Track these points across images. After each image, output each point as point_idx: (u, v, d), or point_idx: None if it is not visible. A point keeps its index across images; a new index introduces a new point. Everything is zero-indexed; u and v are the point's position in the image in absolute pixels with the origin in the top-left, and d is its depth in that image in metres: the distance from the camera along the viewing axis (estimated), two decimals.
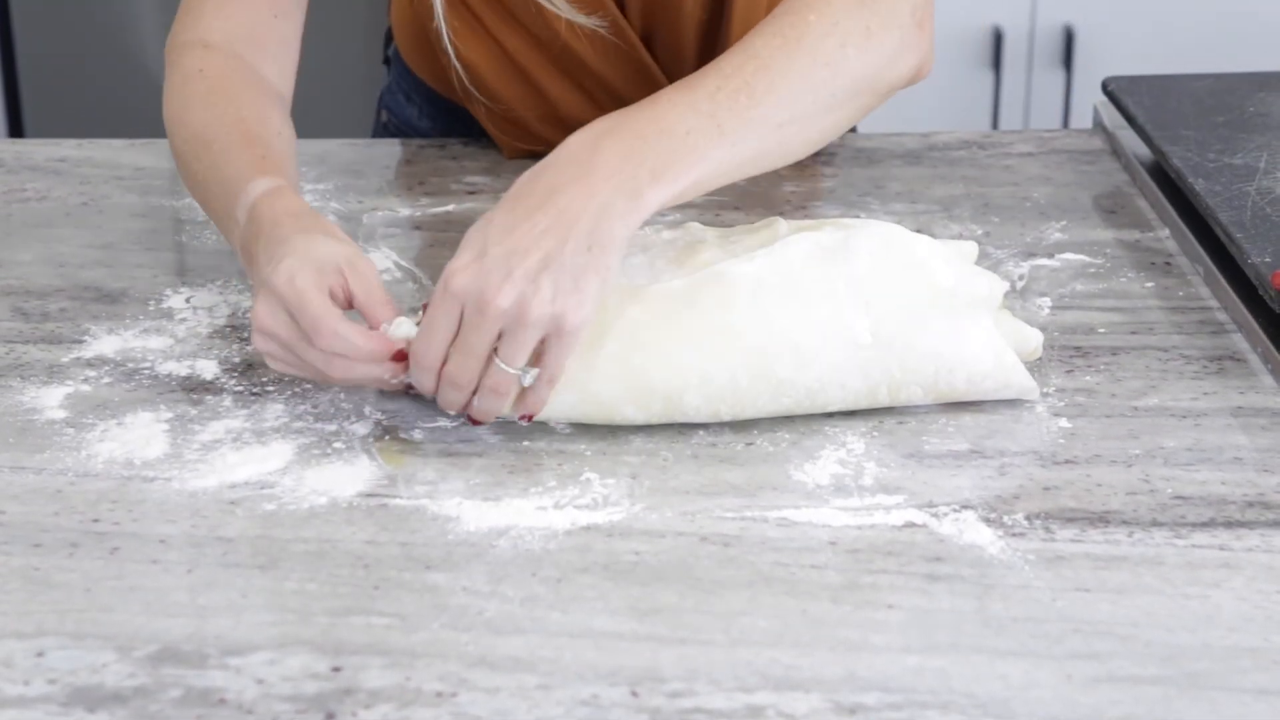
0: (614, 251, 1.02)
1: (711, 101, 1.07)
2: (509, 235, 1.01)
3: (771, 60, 1.09)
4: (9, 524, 0.97)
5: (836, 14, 1.11)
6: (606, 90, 1.38)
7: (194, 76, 1.22)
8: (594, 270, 1.01)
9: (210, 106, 1.19)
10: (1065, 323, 1.17)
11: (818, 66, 1.09)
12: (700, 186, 1.06)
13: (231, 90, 1.20)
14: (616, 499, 0.99)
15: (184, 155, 1.19)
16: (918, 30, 1.14)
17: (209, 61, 1.22)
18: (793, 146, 1.11)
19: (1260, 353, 1.13)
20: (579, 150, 1.04)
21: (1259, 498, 0.99)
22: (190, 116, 1.19)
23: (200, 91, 1.20)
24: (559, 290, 1.00)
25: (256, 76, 1.23)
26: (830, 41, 1.10)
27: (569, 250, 1.00)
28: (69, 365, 1.13)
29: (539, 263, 1.00)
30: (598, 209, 1.01)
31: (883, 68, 1.13)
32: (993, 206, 1.34)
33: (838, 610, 0.90)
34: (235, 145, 1.15)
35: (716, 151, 1.06)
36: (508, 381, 1.01)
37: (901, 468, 1.01)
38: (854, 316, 1.04)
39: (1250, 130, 1.35)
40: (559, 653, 0.87)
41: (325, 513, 0.98)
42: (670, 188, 1.04)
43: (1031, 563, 0.93)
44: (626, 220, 1.02)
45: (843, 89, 1.11)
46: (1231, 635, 0.88)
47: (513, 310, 0.99)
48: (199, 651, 0.87)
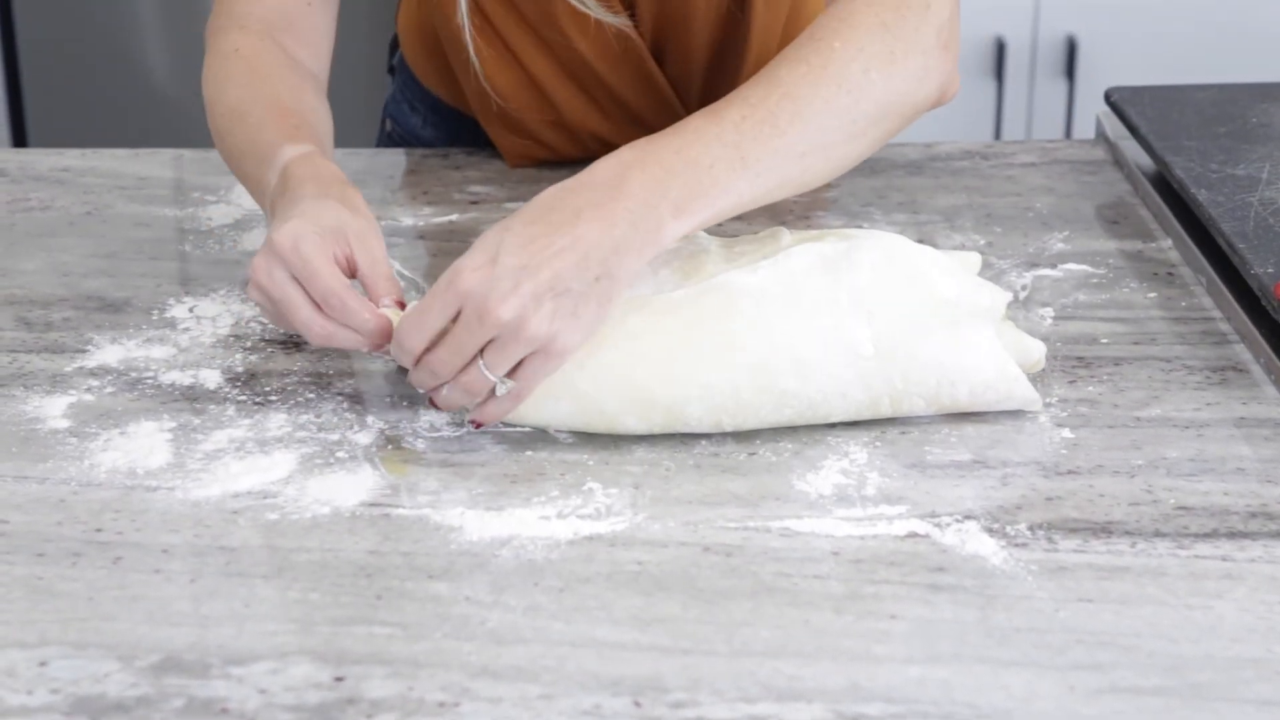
0: (621, 285, 1.03)
1: (737, 132, 1.07)
2: (524, 249, 1.01)
3: (795, 89, 1.09)
4: (12, 533, 0.97)
5: (861, 40, 1.11)
6: (613, 99, 1.38)
7: (230, 56, 1.25)
8: (596, 300, 1.01)
9: (246, 85, 1.23)
10: (1068, 333, 1.17)
11: (842, 94, 1.09)
12: (721, 215, 1.07)
13: (266, 69, 1.24)
14: (619, 509, 0.99)
15: (220, 130, 1.23)
16: (942, 52, 1.14)
17: (244, 42, 1.26)
18: (815, 174, 1.11)
19: (1263, 363, 1.13)
20: (607, 177, 1.04)
21: (1262, 508, 0.99)
22: (227, 94, 1.23)
23: (237, 70, 1.24)
24: (559, 313, 1.00)
25: (291, 59, 1.27)
26: (855, 67, 1.10)
27: (578, 277, 1.01)
28: (72, 375, 1.13)
29: (546, 283, 1.00)
30: (614, 242, 1.02)
31: (907, 92, 1.12)
32: (995, 217, 1.34)
33: (840, 620, 0.89)
34: (270, 117, 1.19)
35: (740, 184, 1.06)
36: (484, 385, 1.02)
37: (904, 478, 1.01)
38: (856, 328, 1.04)
39: (1253, 141, 1.35)
40: (561, 662, 0.87)
41: (328, 522, 0.98)
42: (691, 220, 1.05)
43: (1034, 573, 0.93)
44: (641, 254, 1.03)
45: (866, 115, 1.10)
46: (1234, 646, 0.88)
47: (511, 323, 1.00)
48: (201, 661, 0.87)
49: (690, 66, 1.38)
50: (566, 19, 1.32)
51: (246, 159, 1.19)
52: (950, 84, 1.15)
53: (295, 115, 1.20)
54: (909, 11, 1.12)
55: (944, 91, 1.15)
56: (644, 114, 1.39)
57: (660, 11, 1.34)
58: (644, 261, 1.04)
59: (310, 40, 1.29)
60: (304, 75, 1.26)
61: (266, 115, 1.19)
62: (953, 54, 1.15)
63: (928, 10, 1.13)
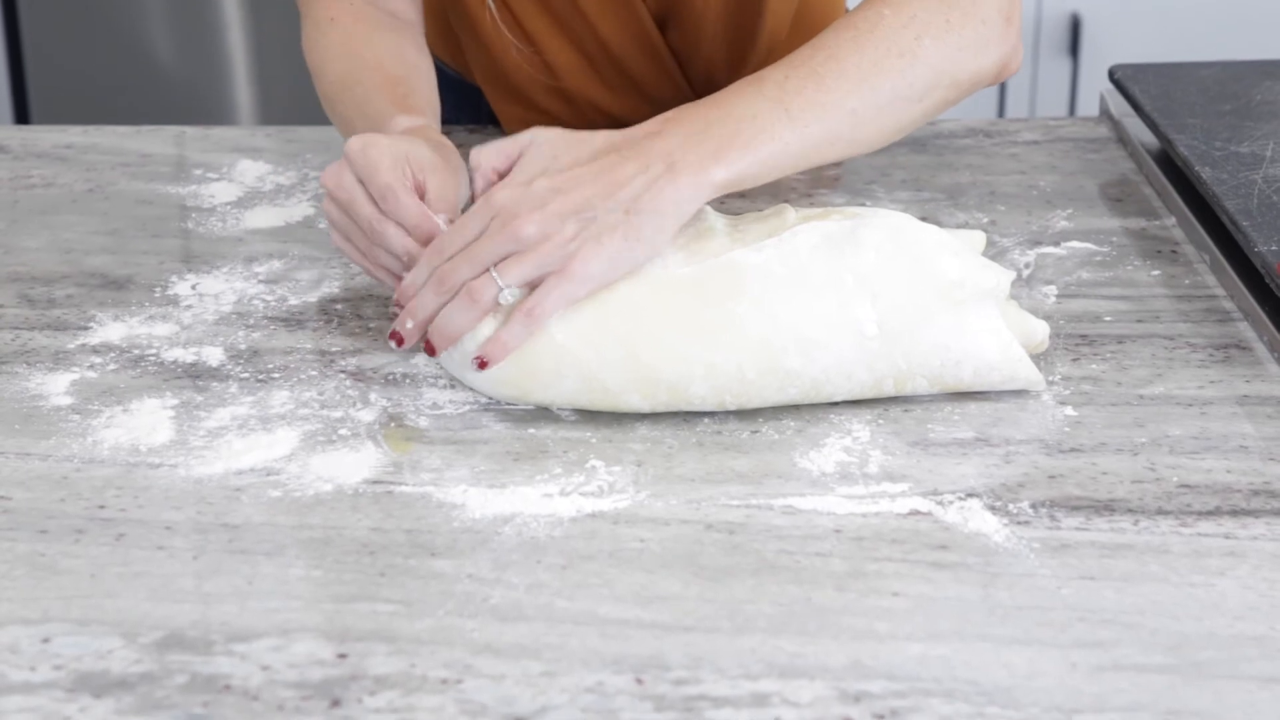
0: (651, 222, 1.03)
1: (779, 89, 1.07)
2: (560, 174, 1.04)
3: (840, 49, 1.09)
4: (15, 510, 0.97)
5: (914, 8, 1.11)
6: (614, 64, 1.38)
7: (326, 25, 1.27)
8: (622, 233, 1.02)
9: (348, 55, 1.25)
10: (1071, 311, 1.17)
11: (891, 56, 1.09)
12: (768, 167, 1.06)
13: (365, 34, 1.26)
14: (622, 486, 0.99)
15: (330, 99, 1.25)
16: (1004, 25, 1.14)
17: (338, 8, 1.27)
18: (868, 133, 1.10)
19: (1266, 341, 1.12)
20: (647, 129, 1.07)
21: (1264, 486, 0.99)
22: (331, 66, 1.25)
23: (336, 40, 1.26)
24: (581, 237, 1.02)
25: (385, 13, 1.28)
26: (906, 34, 1.10)
27: (607, 206, 1.03)
28: (75, 352, 1.13)
29: (574, 206, 1.03)
30: (649, 179, 1.03)
31: (964, 60, 1.12)
32: (999, 194, 1.34)
33: (842, 598, 0.90)
34: (378, 88, 1.21)
35: (784, 133, 1.06)
36: (488, 291, 1.03)
37: (907, 455, 1.01)
38: (861, 308, 1.04)
39: (1257, 119, 1.35)
40: (564, 640, 0.87)
41: (331, 499, 0.98)
42: (735, 165, 1.05)
43: (1037, 551, 0.93)
44: (681, 196, 1.04)
45: (921, 78, 1.10)
46: (1237, 624, 0.88)
47: (531, 237, 1.02)
48: (204, 638, 0.87)
49: (695, 37, 1.37)
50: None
51: (357, 125, 1.21)
52: (1013, 57, 1.15)
53: (402, 83, 1.22)
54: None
55: (1006, 64, 1.15)
56: (645, 83, 1.39)
57: None
58: (688, 204, 1.04)
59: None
60: (402, 31, 1.28)
61: (373, 85, 1.22)
62: (1015, 27, 1.15)
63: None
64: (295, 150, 1.43)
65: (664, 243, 1.04)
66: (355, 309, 1.18)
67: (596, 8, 1.35)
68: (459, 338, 1.04)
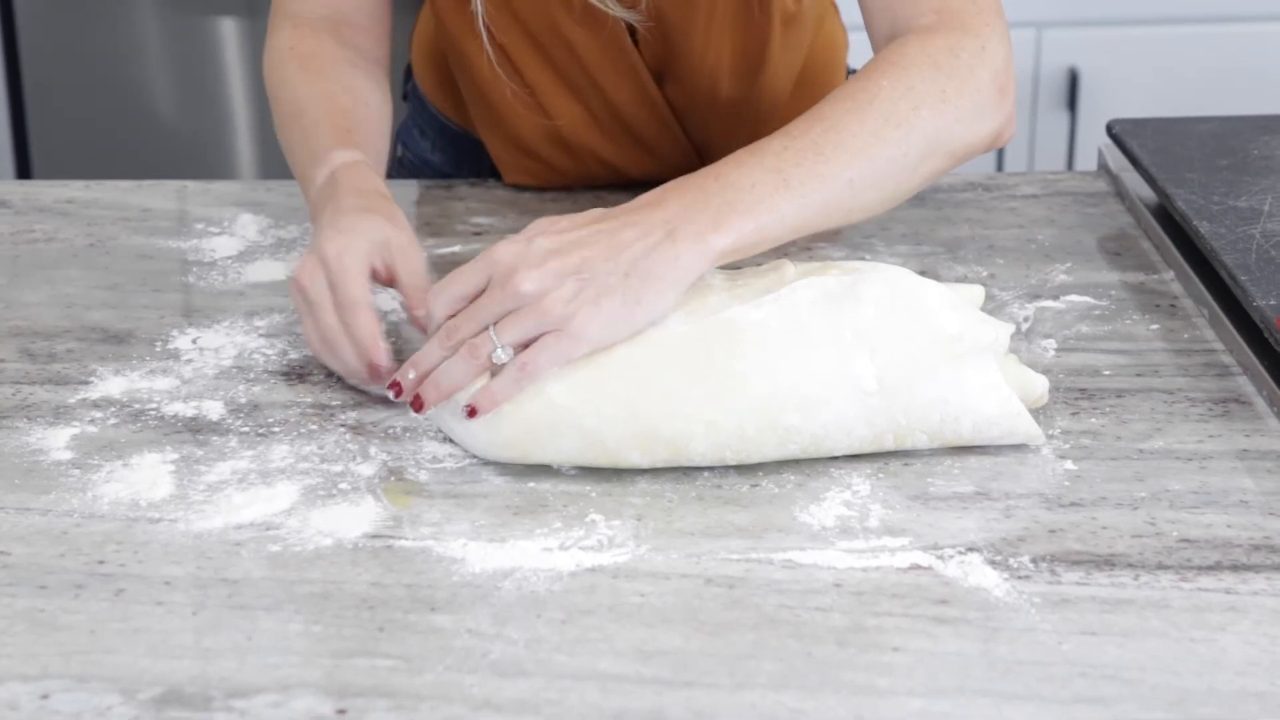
0: (651, 288, 1.04)
1: (778, 159, 1.08)
2: (562, 235, 1.06)
3: (840, 121, 1.11)
4: (15, 565, 0.97)
5: (911, 79, 1.12)
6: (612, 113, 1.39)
7: (285, 54, 1.31)
8: (621, 296, 1.03)
9: (302, 83, 1.29)
10: (1070, 365, 1.17)
11: (889, 127, 1.11)
12: (766, 236, 1.07)
13: (321, 65, 1.30)
14: (621, 540, 0.99)
15: (280, 125, 1.30)
16: (998, 95, 1.15)
17: (298, 39, 1.31)
18: (864, 201, 1.11)
19: (1265, 395, 1.13)
20: (646, 199, 1.08)
21: (1265, 541, 0.99)
22: (283, 92, 1.30)
23: (293, 69, 1.30)
24: (580, 298, 1.03)
25: (347, 48, 1.32)
26: (903, 105, 1.11)
27: (606, 269, 1.04)
28: (75, 406, 1.13)
29: (573, 266, 1.04)
30: (650, 245, 1.04)
31: (959, 131, 1.13)
32: (998, 248, 1.34)
33: (843, 653, 0.89)
34: (324, 117, 1.26)
35: (783, 204, 1.07)
36: (485, 348, 1.04)
37: (907, 510, 1.01)
38: (860, 364, 1.04)
39: (1254, 173, 1.35)
40: (564, 695, 0.86)
41: (330, 554, 0.98)
42: (732, 235, 1.06)
43: (1037, 605, 0.93)
44: (676, 267, 1.04)
45: (916, 148, 1.11)
46: (1238, 679, 0.87)
47: (531, 294, 1.03)
48: (203, 694, 0.87)
49: (693, 93, 1.38)
50: (567, 26, 1.33)
51: (298, 156, 1.26)
52: (1006, 127, 1.17)
53: (349, 116, 1.26)
54: (964, 53, 1.14)
55: (999, 133, 1.17)
56: (645, 135, 1.40)
57: (660, 42, 1.35)
58: (687, 272, 1.04)
59: (366, 26, 1.35)
60: (361, 66, 1.31)
61: (320, 116, 1.26)
62: (1009, 98, 1.16)
63: (983, 52, 1.15)
64: (297, 204, 1.43)
65: (662, 309, 1.04)
66: None
67: (595, 61, 1.35)
68: (453, 392, 1.05)
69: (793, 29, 1.39)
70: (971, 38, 1.15)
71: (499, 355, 1.03)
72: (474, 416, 1.04)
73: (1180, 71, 2.53)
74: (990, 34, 1.16)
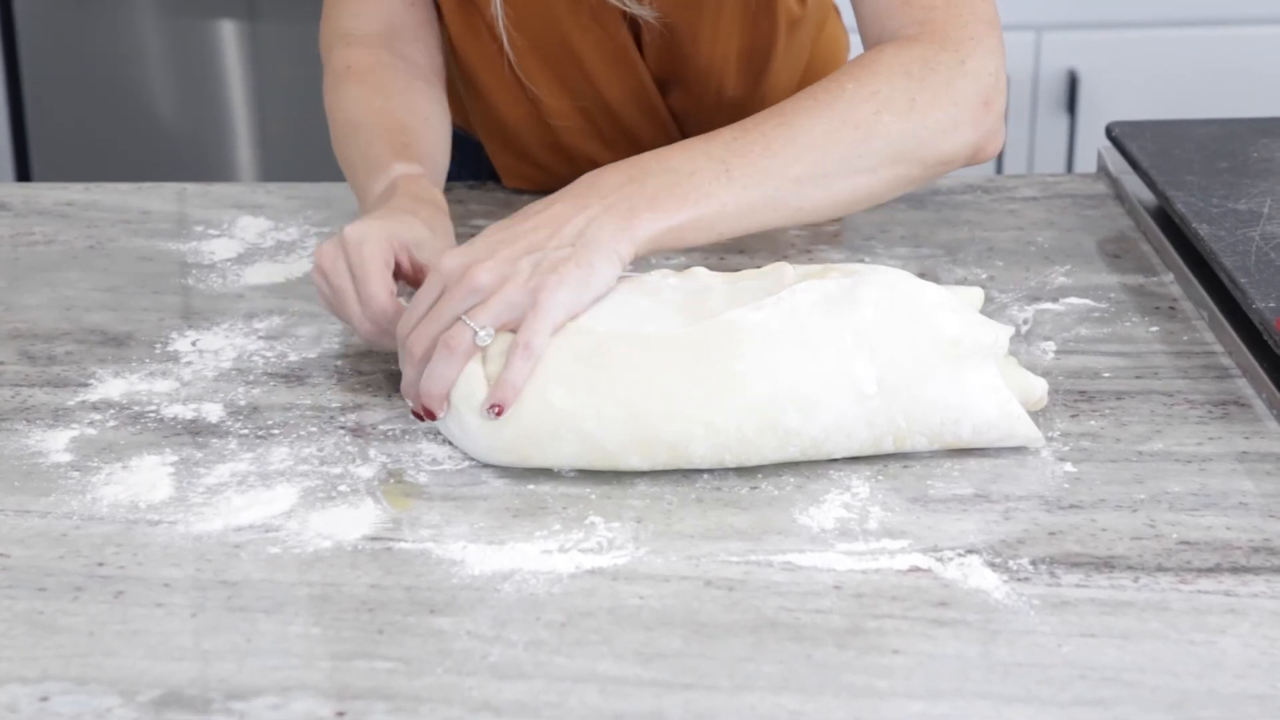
0: (598, 252, 1.05)
1: (725, 149, 1.08)
2: (500, 232, 1.07)
3: (794, 119, 1.10)
4: (14, 568, 0.97)
5: (877, 84, 1.11)
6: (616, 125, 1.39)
7: (343, 74, 1.31)
8: (574, 262, 1.04)
9: (360, 100, 1.29)
10: (1070, 367, 1.17)
11: (846, 129, 1.10)
12: (703, 225, 1.07)
13: (378, 81, 1.30)
14: (621, 543, 0.99)
15: (338, 139, 1.29)
16: (982, 108, 1.14)
17: (354, 57, 1.31)
18: (814, 202, 1.11)
19: (1265, 398, 1.13)
20: (581, 181, 1.09)
21: (1265, 543, 0.99)
22: (343, 108, 1.29)
23: (351, 87, 1.30)
24: (538, 272, 1.04)
25: (403, 63, 1.32)
26: (865, 108, 1.11)
27: (554, 244, 1.05)
28: (75, 408, 1.13)
29: (522, 249, 1.05)
30: (587, 218, 1.06)
31: (928, 140, 1.12)
32: (997, 250, 1.34)
33: (842, 655, 0.89)
34: (381, 134, 1.25)
35: (722, 192, 1.07)
36: (462, 336, 1.04)
37: (906, 512, 1.01)
38: (860, 366, 1.04)
39: (1254, 176, 1.35)
40: (563, 698, 0.86)
41: (330, 556, 0.98)
42: (666, 218, 1.06)
43: (1037, 608, 0.93)
44: (616, 236, 1.05)
45: (876, 153, 1.11)
46: (1238, 682, 0.87)
47: (490, 284, 1.04)
48: (203, 696, 0.87)
49: (698, 100, 1.38)
50: (573, 31, 1.33)
51: (358, 170, 1.25)
52: (989, 141, 1.15)
53: (405, 131, 1.26)
54: (939, 65, 1.13)
55: (981, 147, 1.15)
56: (644, 141, 1.40)
57: (666, 48, 1.35)
58: (622, 246, 1.05)
59: (418, 37, 1.34)
60: (417, 80, 1.31)
61: (377, 131, 1.26)
62: (995, 112, 1.15)
63: (962, 66, 1.14)
64: (296, 206, 1.43)
65: (610, 277, 1.05)
66: (355, 365, 1.18)
67: (599, 67, 1.35)
68: (446, 392, 1.04)
69: (796, 32, 1.39)
70: (951, 51, 1.14)
71: (482, 337, 1.04)
72: (500, 414, 1.03)
73: (1179, 74, 2.53)
74: (974, 48, 1.15)
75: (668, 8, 1.31)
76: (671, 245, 1.08)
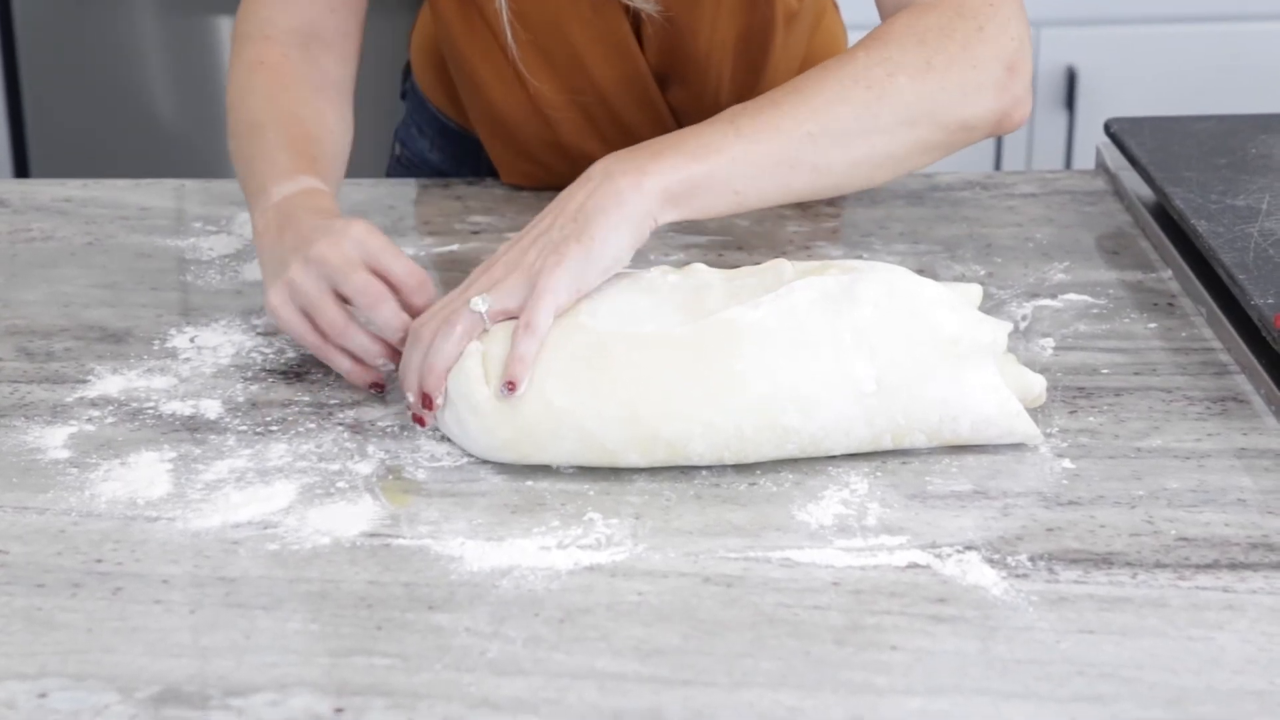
0: (600, 222, 1.05)
1: (733, 114, 1.10)
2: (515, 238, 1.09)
3: (804, 82, 1.11)
4: (12, 564, 0.97)
5: (889, 50, 1.11)
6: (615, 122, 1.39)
7: (255, 67, 1.28)
8: (575, 238, 1.05)
9: (266, 99, 1.25)
10: (1068, 363, 1.17)
11: (858, 88, 1.09)
12: (716, 181, 1.07)
13: (288, 83, 1.27)
14: (619, 539, 0.99)
15: (237, 135, 1.25)
16: (1005, 73, 1.13)
17: (268, 53, 1.28)
18: (832, 161, 1.10)
19: (1263, 394, 1.13)
20: (592, 167, 1.10)
21: (1263, 539, 0.99)
22: (248, 104, 1.26)
23: (260, 82, 1.27)
24: (541, 254, 1.05)
25: (315, 69, 1.29)
26: (878, 70, 1.10)
27: (557, 225, 1.06)
28: (73, 405, 1.13)
29: (531, 239, 1.07)
30: (587, 192, 1.07)
31: (946, 102, 1.11)
32: (995, 247, 1.34)
33: (841, 652, 0.89)
34: (289, 141, 1.22)
35: (730, 146, 1.07)
36: (458, 314, 1.04)
37: (905, 508, 1.01)
38: (859, 365, 1.04)
39: (1252, 172, 1.35)
40: (562, 694, 0.86)
41: (328, 553, 0.98)
42: (674, 171, 1.06)
43: (1035, 604, 0.93)
44: (624, 199, 1.05)
45: (890, 112, 1.10)
46: (1236, 678, 0.87)
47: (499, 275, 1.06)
48: (201, 693, 0.87)
49: (698, 95, 1.38)
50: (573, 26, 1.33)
51: (257, 169, 1.21)
52: (1015, 107, 1.14)
53: (315, 144, 1.23)
54: (956, 31, 1.12)
55: (1007, 113, 1.14)
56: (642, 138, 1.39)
57: (665, 41, 1.35)
58: (630, 210, 1.06)
59: (336, 45, 1.31)
60: (327, 88, 1.29)
61: (286, 137, 1.22)
62: (1021, 77, 1.13)
63: (981, 32, 1.12)
64: None
65: (618, 245, 1.06)
66: None
67: (599, 63, 1.35)
68: (446, 370, 1.04)
69: (794, 25, 1.39)
70: (968, 19, 1.13)
71: (477, 304, 1.05)
72: (514, 389, 1.03)
73: (1178, 70, 2.53)
74: (993, 15, 1.13)
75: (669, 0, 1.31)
76: (690, 209, 1.07)
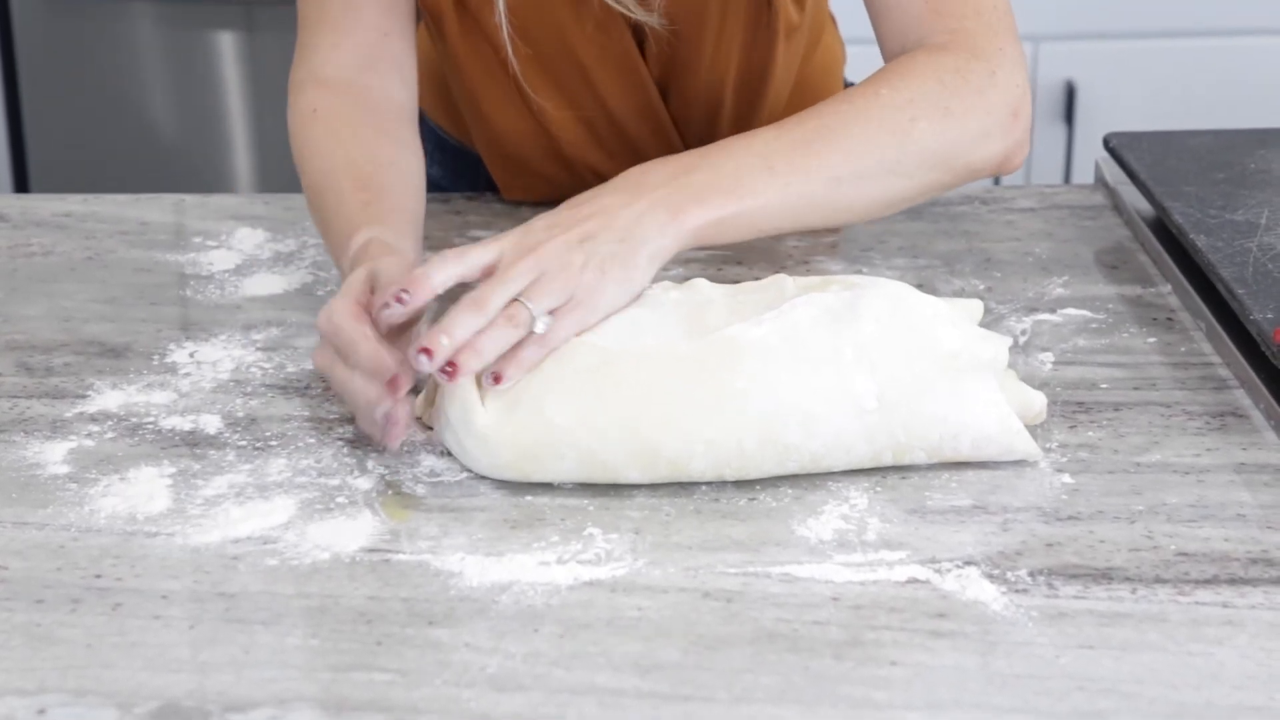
0: (643, 252, 1.06)
1: (765, 147, 1.11)
2: (554, 218, 1.09)
3: (834, 122, 1.13)
4: (11, 580, 0.97)
5: (912, 91, 1.13)
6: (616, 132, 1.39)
7: (309, 118, 1.27)
8: (620, 261, 1.06)
9: (324, 154, 1.25)
10: (1067, 378, 1.17)
11: (883, 134, 1.12)
12: (748, 220, 1.09)
13: (343, 131, 1.26)
14: (619, 554, 0.99)
15: (308, 198, 1.26)
16: (1010, 119, 1.16)
17: (321, 100, 1.28)
18: (851, 203, 1.13)
19: (1263, 409, 1.13)
20: (628, 175, 1.11)
21: (1262, 554, 0.99)
22: (311, 163, 1.26)
23: (316, 135, 1.26)
24: (587, 266, 1.05)
25: (373, 103, 1.28)
26: (901, 115, 1.13)
27: (604, 236, 1.06)
28: (72, 420, 1.13)
29: (577, 237, 1.06)
30: (636, 213, 1.07)
31: (961, 149, 1.15)
32: (995, 262, 1.34)
33: (840, 667, 0.89)
34: (348, 194, 1.21)
35: (765, 189, 1.09)
36: (523, 315, 1.04)
37: (904, 523, 1.01)
38: (860, 381, 1.04)
39: (1251, 186, 1.36)
40: (562, 709, 0.86)
41: (328, 568, 0.98)
42: (712, 211, 1.08)
43: (1035, 619, 0.93)
44: (664, 231, 1.07)
45: (911, 158, 1.13)
46: (1236, 693, 0.87)
47: (551, 265, 1.05)
48: (200, 708, 0.87)
49: (701, 106, 1.38)
50: (577, 38, 1.33)
51: (329, 235, 1.22)
52: (1017, 152, 1.17)
53: (371, 187, 1.21)
54: (972, 75, 1.15)
55: (1009, 157, 1.17)
56: (645, 150, 1.40)
57: (669, 54, 1.35)
58: (668, 242, 1.07)
59: (393, 70, 1.31)
60: (387, 121, 1.27)
61: (345, 191, 1.21)
62: (1022, 123, 1.17)
63: (993, 77, 1.16)
64: (294, 217, 1.43)
65: (648, 277, 1.07)
66: None
67: (602, 74, 1.35)
68: (493, 358, 1.04)
69: (793, 40, 1.39)
70: (982, 61, 1.16)
71: (539, 325, 1.04)
72: (498, 383, 1.03)
73: (1177, 85, 2.54)
74: (1003, 59, 1.17)
75: (674, 14, 1.31)
76: (713, 239, 1.10)
